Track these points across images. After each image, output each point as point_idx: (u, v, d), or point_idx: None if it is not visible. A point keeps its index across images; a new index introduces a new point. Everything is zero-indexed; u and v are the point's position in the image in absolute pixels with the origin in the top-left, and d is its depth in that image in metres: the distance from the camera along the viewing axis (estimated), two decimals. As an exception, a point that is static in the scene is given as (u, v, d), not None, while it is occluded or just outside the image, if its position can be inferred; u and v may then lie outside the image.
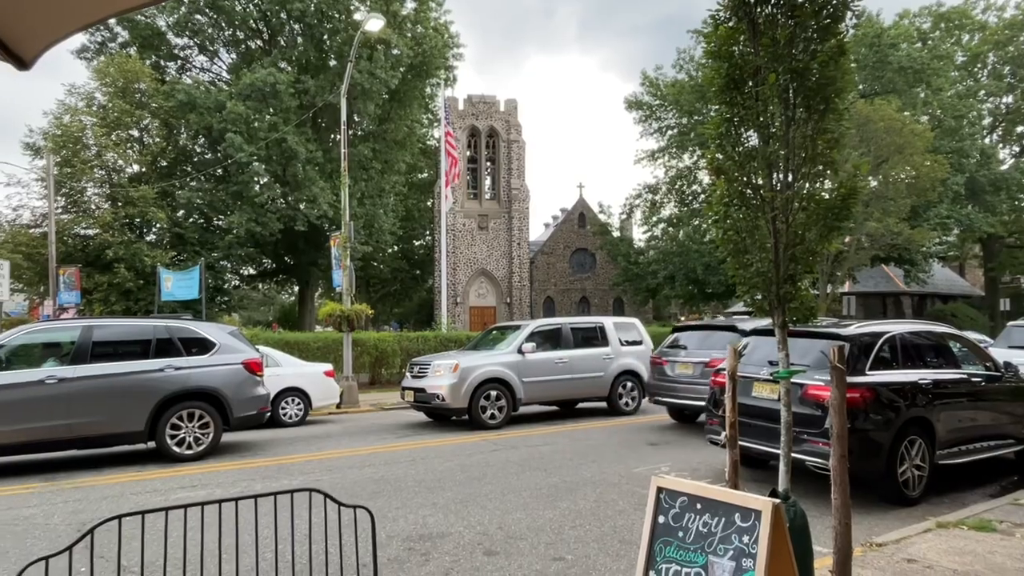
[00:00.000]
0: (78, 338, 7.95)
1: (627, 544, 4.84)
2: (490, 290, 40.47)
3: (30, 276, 24.29)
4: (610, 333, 12.69)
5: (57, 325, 8.48)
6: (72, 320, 8.76)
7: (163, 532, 2.41)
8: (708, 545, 2.60)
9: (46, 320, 16.83)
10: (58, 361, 7.92)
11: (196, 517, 2.81)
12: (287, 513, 3.83)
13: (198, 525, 2.76)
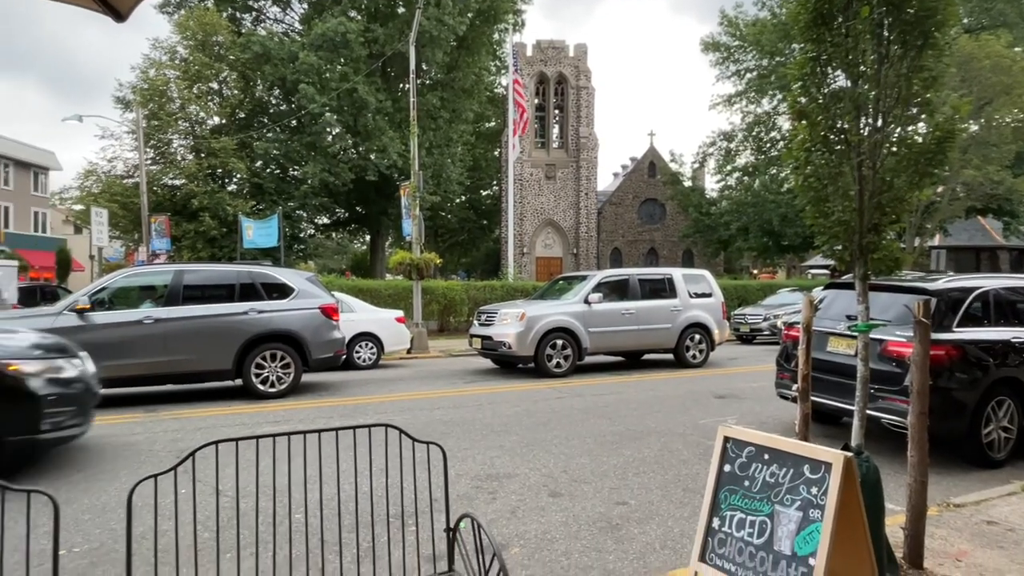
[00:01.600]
0: (170, 282, 8.51)
1: (690, 492, 4.88)
2: (557, 241, 40.31)
3: (125, 224, 25.88)
4: (679, 285, 12.49)
5: (152, 269, 9.08)
6: (164, 265, 9.35)
7: (254, 460, 2.60)
8: (775, 495, 2.60)
9: (141, 265, 17.99)
10: (153, 303, 8.52)
11: (283, 447, 3.01)
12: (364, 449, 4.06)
13: (285, 455, 2.96)
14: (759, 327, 17.86)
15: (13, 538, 3.66)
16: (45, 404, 5.08)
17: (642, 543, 3.95)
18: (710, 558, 2.75)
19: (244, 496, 4.32)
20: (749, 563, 2.58)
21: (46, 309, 7.93)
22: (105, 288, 8.29)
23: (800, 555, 2.41)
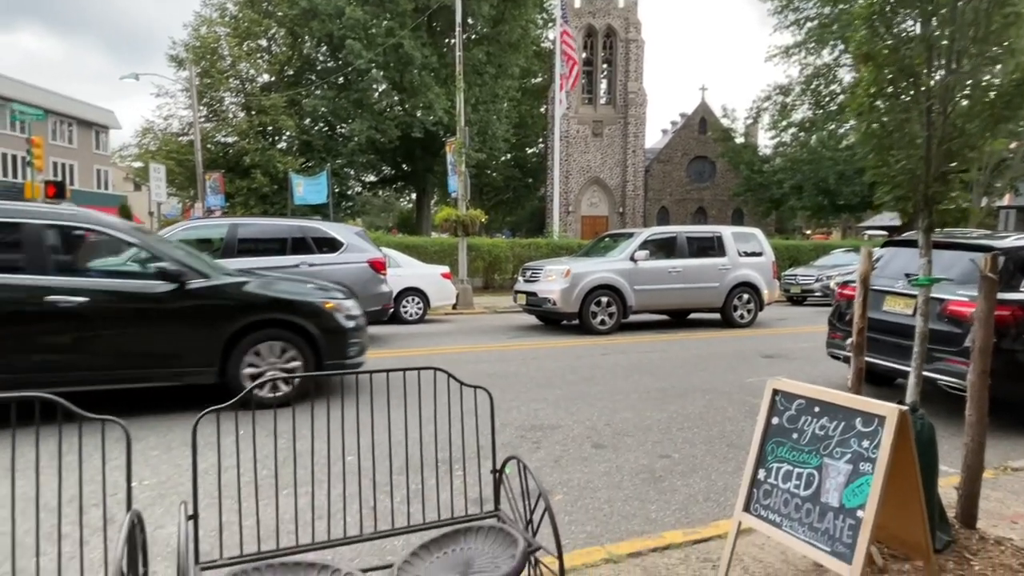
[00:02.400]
0: (226, 235, 8.78)
1: (735, 448, 4.87)
2: (603, 199, 39.79)
3: (181, 181, 26.71)
4: (728, 243, 12.22)
5: (208, 223, 9.38)
6: (220, 219, 9.65)
7: (307, 404, 2.71)
8: (824, 448, 2.57)
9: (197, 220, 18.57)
10: (211, 256, 8.81)
11: (335, 394, 3.11)
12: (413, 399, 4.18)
13: (337, 402, 3.06)
14: (810, 288, 17.40)
15: (90, 469, 3.93)
16: (349, 335, 6.12)
17: (685, 495, 3.98)
18: (754, 508, 2.76)
19: (298, 439, 4.52)
20: (795, 514, 2.58)
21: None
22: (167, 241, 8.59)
23: (848, 507, 2.39)
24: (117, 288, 5.40)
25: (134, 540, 1.89)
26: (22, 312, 5.07)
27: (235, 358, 5.67)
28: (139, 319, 5.46)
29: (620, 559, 3.03)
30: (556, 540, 2.08)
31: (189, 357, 5.60)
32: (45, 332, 5.16)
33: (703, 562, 3.01)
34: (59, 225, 5.30)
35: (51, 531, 3.24)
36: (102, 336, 5.33)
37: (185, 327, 5.58)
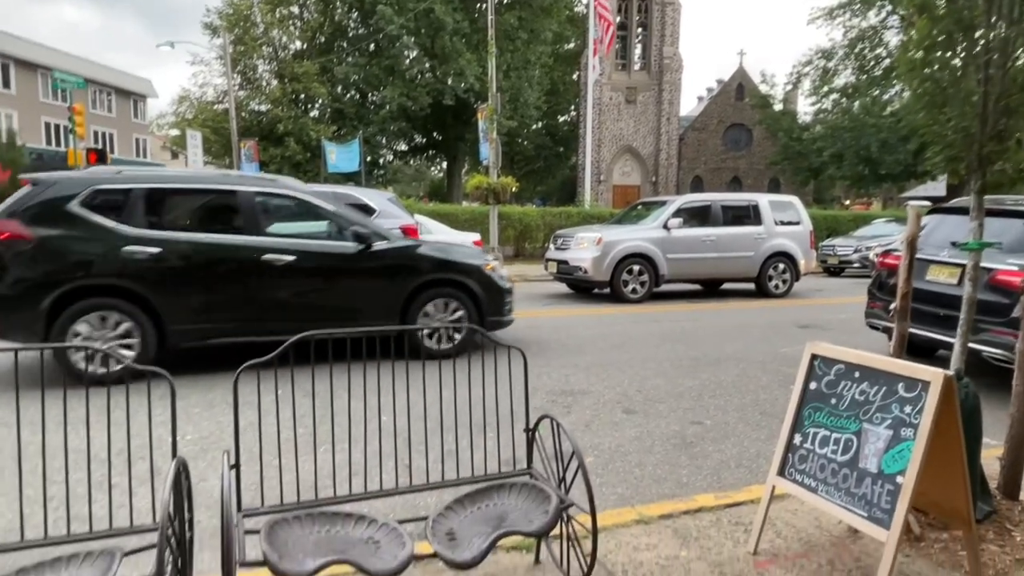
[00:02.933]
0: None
1: (768, 416, 4.82)
2: (635, 168, 39.19)
3: (217, 149, 27.06)
4: (764, 212, 11.96)
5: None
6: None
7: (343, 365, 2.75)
8: (863, 413, 2.52)
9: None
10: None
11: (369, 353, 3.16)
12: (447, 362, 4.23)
13: (373, 364, 3.10)
14: (849, 259, 16.98)
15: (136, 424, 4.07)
16: (505, 294, 6.75)
17: (716, 460, 3.97)
18: (789, 473, 2.74)
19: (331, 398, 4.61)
20: (831, 479, 2.55)
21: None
22: (202, 206, 8.74)
23: (887, 473, 2.36)
24: (318, 249, 6.03)
25: (180, 486, 1.95)
26: (244, 269, 5.74)
27: (412, 313, 6.27)
28: (335, 277, 6.09)
29: (651, 520, 3.05)
30: (589, 497, 2.09)
31: (375, 311, 6.15)
32: (261, 287, 5.81)
33: (735, 525, 3.01)
34: (268, 192, 6.04)
35: (102, 480, 3.38)
36: (305, 291, 5.98)
37: (373, 284, 6.20)
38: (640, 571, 2.60)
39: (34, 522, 2.93)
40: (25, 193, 5.34)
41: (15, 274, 5.21)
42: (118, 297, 5.39)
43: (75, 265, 5.29)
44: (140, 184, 5.60)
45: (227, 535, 1.74)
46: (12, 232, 5.20)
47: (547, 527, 2.08)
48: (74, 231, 5.32)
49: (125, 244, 5.39)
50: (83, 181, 5.49)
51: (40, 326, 5.22)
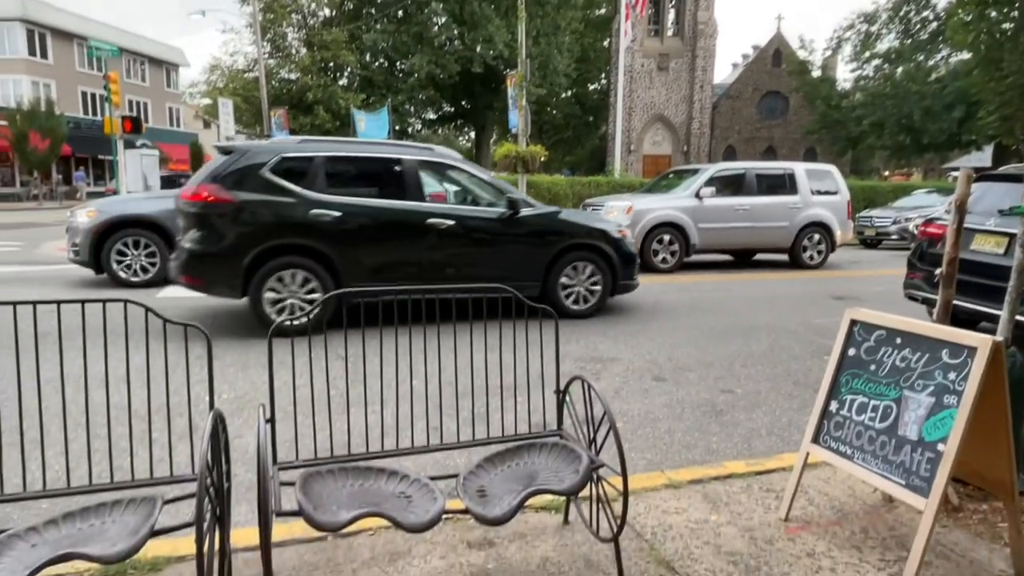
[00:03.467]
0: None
1: (801, 386, 4.75)
2: (666, 137, 38.44)
3: (248, 118, 27.26)
4: (800, 181, 11.65)
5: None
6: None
7: (375, 330, 2.77)
8: (904, 380, 2.46)
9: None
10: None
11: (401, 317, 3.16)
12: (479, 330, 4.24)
13: (404, 328, 3.11)
14: (886, 231, 16.51)
15: (174, 382, 4.17)
16: (634, 259, 7.15)
17: (747, 428, 3.93)
18: (824, 440, 2.69)
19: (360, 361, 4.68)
20: (868, 446, 2.50)
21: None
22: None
23: (928, 440, 2.30)
24: (473, 214, 6.47)
25: (217, 437, 1.99)
26: (411, 232, 6.16)
27: (553, 275, 6.69)
28: (487, 240, 6.48)
29: (681, 485, 3.03)
30: (620, 458, 2.08)
31: (522, 273, 6.56)
32: (424, 249, 6.22)
33: (766, 492, 2.99)
34: (429, 161, 6.48)
35: (142, 435, 3.48)
36: (461, 254, 6.37)
37: (520, 248, 6.60)
38: (669, 534, 2.60)
39: (79, 473, 3.04)
40: (223, 160, 5.80)
41: (219, 234, 5.69)
42: (305, 256, 5.85)
43: (270, 226, 5.74)
44: (320, 152, 6.04)
45: (263, 485, 1.77)
46: (216, 196, 5.64)
47: (577, 486, 2.08)
48: (267, 195, 5.74)
49: (311, 208, 5.81)
50: (272, 149, 5.96)
51: (239, 282, 5.72)
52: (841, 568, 2.38)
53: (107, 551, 1.63)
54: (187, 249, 5.71)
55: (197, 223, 5.71)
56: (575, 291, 6.87)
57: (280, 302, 5.84)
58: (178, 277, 5.85)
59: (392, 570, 2.32)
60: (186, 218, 5.85)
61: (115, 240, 8.04)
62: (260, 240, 5.69)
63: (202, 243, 5.68)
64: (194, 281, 5.78)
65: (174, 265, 5.95)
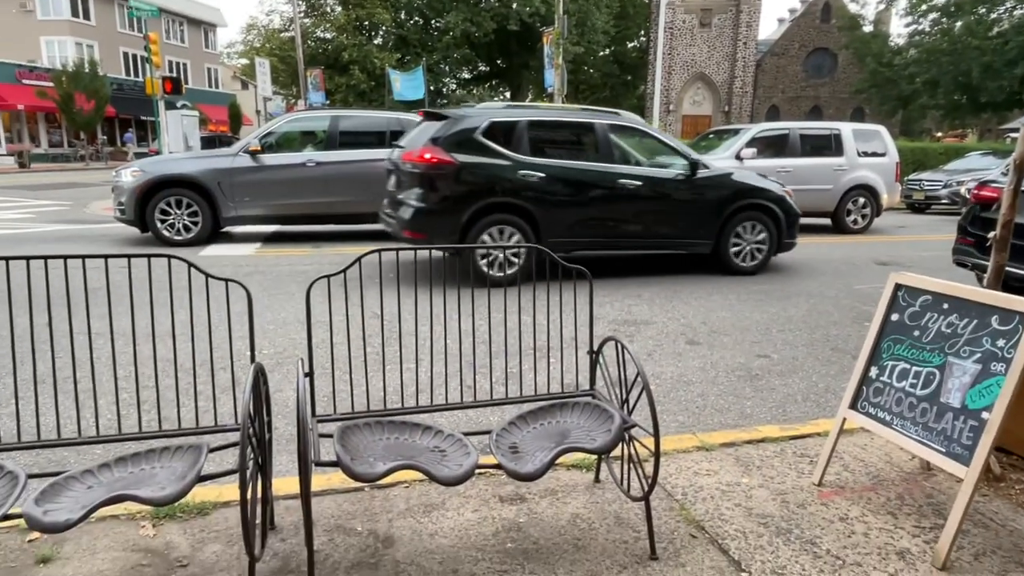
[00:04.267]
0: (328, 127, 8.97)
1: (839, 352, 4.67)
2: (707, 97, 37.34)
3: (284, 79, 27.33)
4: (847, 142, 11.23)
5: (311, 114, 9.57)
6: (322, 110, 9.83)
7: (410, 290, 2.79)
8: (949, 346, 2.39)
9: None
10: (314, 147, 9.08)
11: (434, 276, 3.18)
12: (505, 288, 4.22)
13: (437, 289, 3.13)
14: (936, 195, 15.86)
15: (216, 338, 4.30)
16: (797, 219, 7.47)
17: (782, 393, 3.89)
18: (862, 406, 2.65)
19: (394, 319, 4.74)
20: (908, 413, 2.46)
21: (225, 150, 8.72)
22: (272, 132, 8.91)
23: (971, 408, 2.24)
24: (657, 175, 6.83)
25: (259, 389, 2.05)
26: (603, 192, 6.60)
27: (727, 233, 7.11)
28: (669, 200, 6.86)
29: (712, 447, 3.03)
30: (653, 418, 2.08)
31: (697, 231, 7.01)
32: (615, 208, 6.68)
33: (799, 457, 2.97)
34: (618, 125, 6.84)
35: (188, 387, 3.62)
36: (646, 212, 6.78)
37: (698, 207, 6.95)
38: (700, 495, 2.61)
39: (129, 422, 3.17)
40: (442, 125, 6.33)
41: (442, 192, 6.20)
42: (512, 213, 6.36)
43: (485, 186, 6.26)
44: (524, 117, 6.53)
45: (303, 436, 1.83)
46: (439, 157, 6.14)
47: (609, 445, 2.10)
48: (482, 157, 6.27)
49: (520, 169, 6.34)
50: (482, 114, 6.45)
51: (457, 237, 6.23)
52: (875, 533, 2.36)
53: (157, 494, 1.70)
54: (413, 206, 6.23)
55: (421, 182, 6.23)
56: (743, 249, 7.26)
57: (486, 256, 6.35)
58: (400, 231, 6.39)
59: (427, 521, 2.39)
60: (409, 177, 6.37)
61: (158, 199, 8.23)
62: (477, 198, 6.24)
63: (426, 201, 6.21)
64: (417, 235, 6.25)
65: (395, 220, 6.54)
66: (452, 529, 2.35)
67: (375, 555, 2.19)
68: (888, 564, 2.18)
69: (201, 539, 2.25)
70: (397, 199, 6.56)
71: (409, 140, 6.78)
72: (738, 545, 2.28)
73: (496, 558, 2.18)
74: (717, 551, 2.25)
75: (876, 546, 2.28)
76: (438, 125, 6.37)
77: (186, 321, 4.75)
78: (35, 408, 2.23)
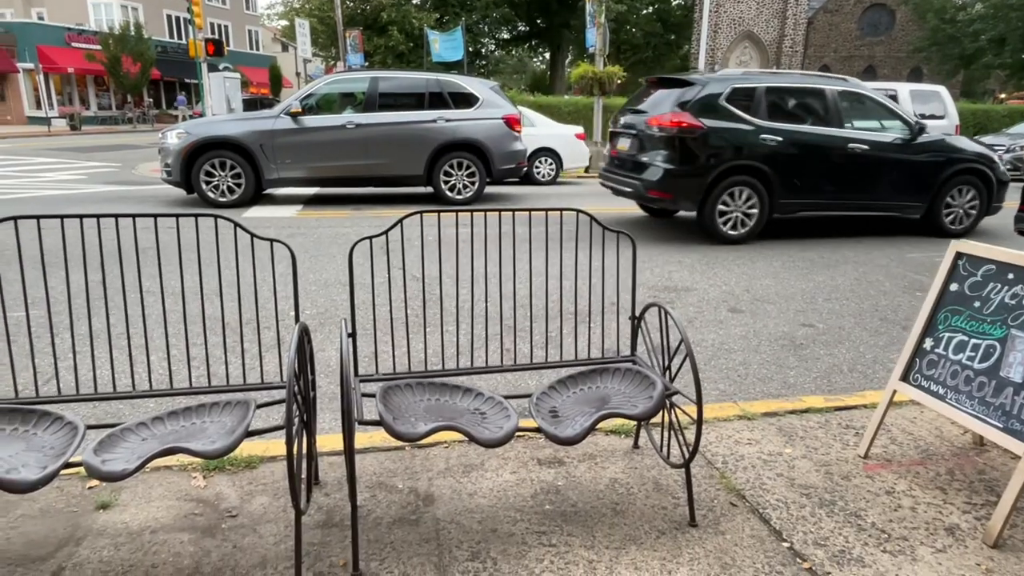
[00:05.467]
0: (367, 88, 8.93)
1: (888, 323, 4.52)
2: (754, 56, 35.95)
3: (323, 41, 27.26)
4: (904, 104, 10.70)
5: (351, 76, 9.54)
6: (362, 72, 9.78)
7: (449, 253, 2.78)
8: (1013, 319, 2.28)
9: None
10: (353, 109, 9.07)
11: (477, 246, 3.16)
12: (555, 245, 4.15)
13: (480, 252, 3.12)
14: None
15: (260, 297, 4.38)
16: (1006, 183, 7.61)
17: (828, 364, 3.80)
18: (914, 378, 2.56)
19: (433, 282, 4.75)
20: (964, 387, 2.37)
21: (267, 112, 8.77)
22: (312, 94, 8.92)
23: (1033, 383, 2.15)
24: (883, 139, 7.06)
25: (303, 348, 2.08)
26: (834, 156, 6.89)
27: (940, 197, 7.38)
28: (892, 163, 7.09)
29: (754, 416, 2.99)
30: (696, 384, 2.05)
31: (914, 194, 7.28)
32: (843, 171, 6.95)
33: (845, 428, 2.90)
34: (846, 91, 7.09)
35: (234, 345, 3.71)
36: (870, 175, 7.05)
37: (918, 170, 7.19)
38: (741, 464, 2.58)
39: (179, 377, 3.28)
40: (687, 91, 6.67)
41: (690, 156, 6.55)
42: (751, 176, 6.73)
43: (730, 149, 6.61)
44: (762, 84, 6.82)
45: (347, 395, 1.85)
46: (689, 122, 6.49)
47: (651, 411, 2.07)
48: (727, 122, 6.60)
49: (760, 133, 6.66)
50: (725, 80, 6.74)
51: (700, 197, 6.69)
52: (923, 508, 2.30)
53: (208, 447, 1.76)
54: (661, 167, 6.62)
55: (670, 146, 6.58)
56: (955, 212, 7.48)
57: (725, 215, 6.80)
58: (645, 191, 6.79)
59: (466, 481, 2.42)
60: (655, 141, 6.73)
61: (203, 161, 8.36)
62: (722, 161, 6.58)
63: (675, 163, 6.56)
64: (663, 195, 6.66)
65: (638, 182, 6.87)
66: (491, 490, 2.38)
67: (416, 512, 2.23)
68: (936, 539, 2.13)
69: (249, 491, 2.33)
70: (639, 161, 6.94)
71: (648, 105, 7.09)
72: (779, 515, 2.25)
73: (535, 519, 2.20)
74: (758, 520, 2.22)
75: (924, 521, 2.23)
76: (677, 92, 6.73)
77: (232, 280, 4.86)
78: (91, 363, 2.31)
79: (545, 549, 2.05)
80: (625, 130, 7.30)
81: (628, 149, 7.20)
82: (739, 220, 6.85)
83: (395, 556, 2.01)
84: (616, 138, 7.61)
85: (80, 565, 1.93)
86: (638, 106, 7.29)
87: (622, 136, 7.39)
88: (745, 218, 6.83)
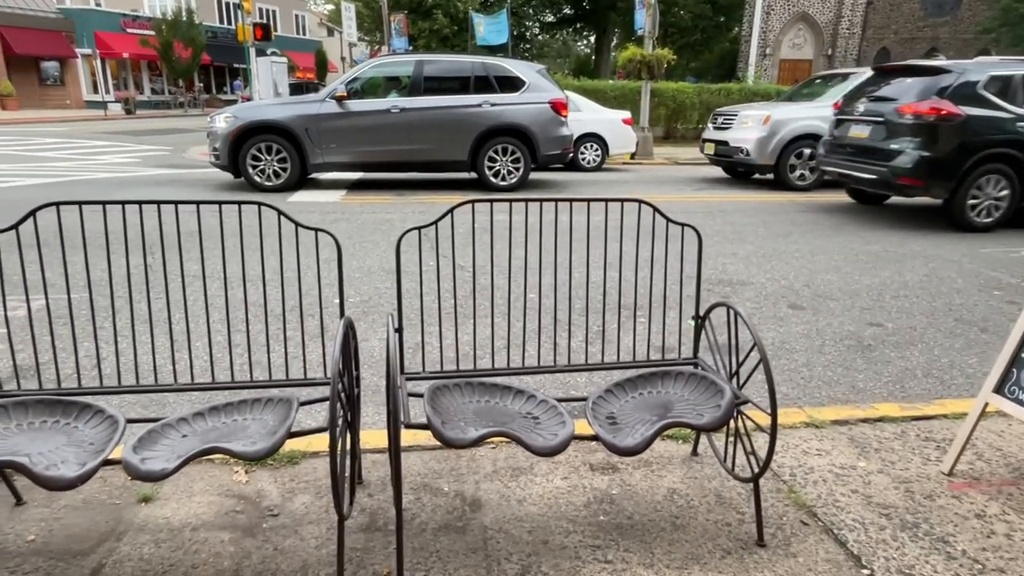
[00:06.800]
0: (412, 72, 8.81)
1: (964, 324, 4.21)
2: (808, 39, 34.58)
3: (368, 25, 27.31)
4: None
5: (396, 59, 9.43)
6: (406, 55, 9.67)
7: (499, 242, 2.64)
8: None
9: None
10: (398, 93, 8.98)
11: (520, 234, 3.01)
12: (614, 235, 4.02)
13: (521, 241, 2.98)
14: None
15: (304, 285, 4.33)
16: None
17: (899, 367, 3.54)
18: (1011, 391, 2.32)
19: (484, 273, 4.63)
20: (1070, 402, 2.12)
21: (312, 96, 8.75)
22: (357, 78, 8.85)
23: None
24: None
25: (348, 345, 1.97)
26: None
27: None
28: None
29: (823, 425, 2.78)
30: (771, 394, 1.87)
31: None
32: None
33: (924, 441, 2.67)
34: None
35: (277, 333, 3.66)
36: None
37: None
38: (810, 477, 2.38)
39: (222, 365, 3.23)
40: (940, 78, 6.71)
41: (946, 143, 6.58)
42: (1004, 163, 6.70)
43: (987, 137, 6.61)
44: (1019, 71, 6.72)
45: (393, 396, 1.74)
46: (948, 110, 6.53)
47: (719, 422, 1.90)
48: (985, 110, 6.60)
49: (1018, 121, 6.61)
50: (981, 68, 6.74)
51: (952, 185, 6.72)
52: (1019, 536, 2.08)
53: (248, 448, 1.66)
54: (913, 155, 6.65)
55: (926, 133, 6.61)
56: None
57: (973, 203, 6.86)
58: (894, 179, 6.82)
59: (514, 486, 2.30)
60: (907, 129, 6.77)
61: (250, 145, 8.39)
62: (978, 149, 6.58)
63: (931, 150, 6.59)
64: (915, 183, 6.70)
65: (885, 168, 6.90)
66: (541, 496, 2.25)
67: (462, 518, 2.12)
68: (1038, 573, 1.91)
69: (291, 488, 2.25)
70: (884, 148, 6.96)
71: (894, 92, 7.09)
72: (857, 537, 2.06)
73: (588, 531, 2.06)
74: (833, 542, 2.04)
75: (1021, 550, 2.01)
76: (928, 80, 6.75)
77: (275, 267, 4.82)
78: (133, 353, 2.26)
79: (601, 565, 1.91)
80: (864, 117, 7.29)
81: (869, 136, 7.20)
82: (989, 208, 6.84)
83: (441, 566, 1.90)
84: (846, 125, 7.62)
85: (120, 562, 1.87)
86: (876, 93, 7.30)
87: (857, 123, 7.39)
88: (994, 207, 6.82)
